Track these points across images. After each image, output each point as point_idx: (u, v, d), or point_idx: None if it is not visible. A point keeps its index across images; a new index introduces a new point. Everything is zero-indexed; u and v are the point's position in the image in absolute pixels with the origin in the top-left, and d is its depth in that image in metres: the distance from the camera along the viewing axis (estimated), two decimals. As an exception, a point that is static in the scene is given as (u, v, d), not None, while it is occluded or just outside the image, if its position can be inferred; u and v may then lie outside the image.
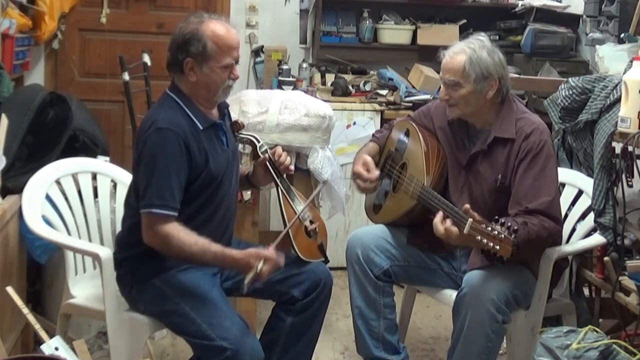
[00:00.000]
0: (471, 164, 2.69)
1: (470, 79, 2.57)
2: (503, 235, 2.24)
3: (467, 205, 2.37)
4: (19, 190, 2.71)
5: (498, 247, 2.25)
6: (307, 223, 2.61)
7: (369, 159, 2.81)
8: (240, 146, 2.90)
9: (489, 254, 2.35)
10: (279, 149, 2.62)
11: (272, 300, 2.62)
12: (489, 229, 2.27)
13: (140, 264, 2.41)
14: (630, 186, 2.60)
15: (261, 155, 2.61)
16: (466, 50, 2.59)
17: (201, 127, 2.39)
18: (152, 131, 2.31)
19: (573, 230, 2.90)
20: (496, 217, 2.32)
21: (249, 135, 2.69)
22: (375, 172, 2.76)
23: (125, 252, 2.46)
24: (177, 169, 2.31)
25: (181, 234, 2.29)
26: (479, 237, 2.27)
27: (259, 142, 2.65)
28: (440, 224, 2.40)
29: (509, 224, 2.27)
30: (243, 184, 2.70)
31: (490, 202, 2.61)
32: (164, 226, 2.28)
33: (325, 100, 3.77)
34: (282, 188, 2.61)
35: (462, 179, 2.71)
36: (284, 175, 2.64)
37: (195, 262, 2.36)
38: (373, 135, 3.05)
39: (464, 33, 4.67)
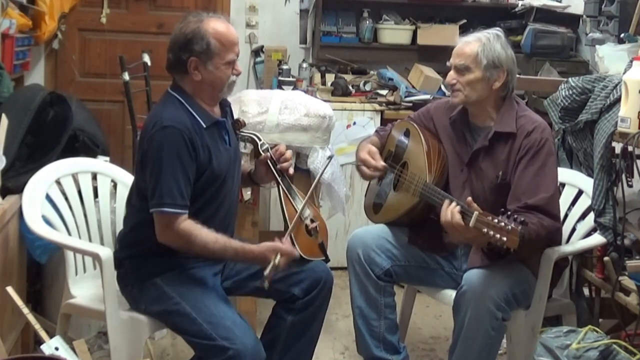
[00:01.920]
0: (473, 161, 2.69)
1: (481, 65, 2.60)
2: (510, 227, 2.24)
3: (470, 198, 2.38)
4: (19, 190, 2.71)
5: (505, 239, 2.24)
6: (307, 222, 2.61)
7: (374, 148, 2.82)
8: (241, 145, 2.90)
9: (495, 247, 2.34)
10: (282, 147, 2.63)
11: (273, 299, 2.62)
12: (495, 221, 2.27)
13: (142, 264, 2.41)
14: (630, 186, 2.60)
15: (262, 154, 2.61)
16: (481, 38, 2.65)
17: (204, 125, 2.39)
18: (157, 130, 2.31)
19: (573, 230, 2.90)
20: (502, 209, 2.32)
21: (250, 133, 2.69)
22: (381, 162, 2.77)
23: (127, 251, 2.46)
24: (184, 166, 2.31)
25: (202, 232, 2.31)
26: (485, 230, 2.27)
27: (260, 140, 2.65)
28: (448, 210, 2.41)
29: (515, 216, 2.27)
30: (244, 181, 2.70)
31: (491, 199, 2.61)
32: (183, 225, 2.30)
33: (325, 100, 3.78)
34: (283, 186, 2.61)
35: (463, 176, 2.71)
36: (285, 174, 2.64)
37: (215, 258, 2.40)
38: (376, 131, 3.07)
39: (463, 33, 4.68)
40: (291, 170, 2.66)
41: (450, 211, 2.40)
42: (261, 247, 2.38)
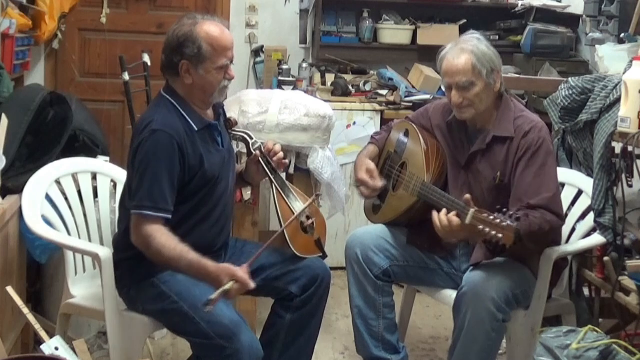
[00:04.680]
0: (470, 163, 2.69)
1: (482, 75, 2.59)
2: (505, 224, 2.25)
3: (468, 195, 2.38)
4: (19, 190, 2.71)
5: (501, 235, 2.26)
6: (303, 219, 2.60)
7: (372, 165, 2.81)
8: (236, 145, 2.89)
9: (491, 244, 2.35)
10: (269, 143, 2.61)
11: (271, 297, 2.63)
12: (491, 217, 2.28)
13: (138, 265, 2.41)
14: (630, 186, 2.60)
15: (254, 152, 2.61)
16: (467, 49, 2.61)
17: (196, 129, 2.39)
18: (147, 133, 2.31)
19: (573, 230, 2.90)
20: (498, 207, 2.33)
21: (242, 132, 2.68)
22: (379, 181, 2.77)
23: (123, 253, 2.46)
24: (170, 171, 2.31)
25: (163, 237, 2.28)
26: (481, 227, 2.28)
27: (251, 139, 2.64)
28: (438, 219, 2.42)
29: (511, 213, 2.28)
30: (238, 181, 2.70)
31: (490, 201, 2.61)
32: (148, 227, 2.28)
33: (325, 100, 3.77)
34: (276, 184, 2.60)
35: (461, 178, 2.71)
36: (278, 172, 2.64)
37: (170, 268, 2.34)
38: (372, 137, 3.05)
39: (463, 33, 4.67)
40: (286, 162, 2.65)
41: (446, 218, 2.40)
42: (218, 267, 2.28)
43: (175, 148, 2.31)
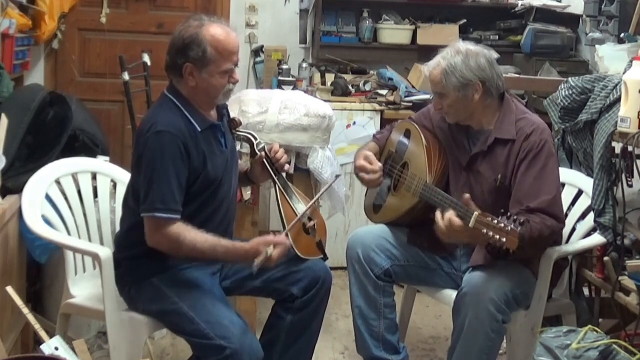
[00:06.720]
0: (472, 165, 2.69)
1: (450, 89, 2.60)
2: (510, 228, 2.24)
3: (467, 195, 2.38)
4: (19, 190, 2.71)
5: (505, 240, 2.24)
6: (305, 220, 2.60)
7: (369, 153, 2.82)
8: (239, 145, 2.90)
9: (494, 248, 2.34)
10: (275, 146, 2.63)
11: (272, 298, 2.63)
12: (495, 222, 2.27)
13: (139, 264, 2.41)
14: (630, 186, 2.60)
15: (258, 153, 2.61)
16: (441, 62, 2.62)
17: (200, 129, 2.38)
18: (152, 134, 2.31)
19: (573, 230, 2.90)
20: (502, 210, 2.32)
21: (246, 132, 2.68)
22: (378, 164, 2.77)
23: (124, 252, 2.46)
24: (177, 171, 2.31)
25: (191, 233, 2.30)
26: (485, 230, 2.27)
27: (256, 139, 2.64)
28: (442, 220, 2.41)
29: (515, 217, 2.27)
30: (242, 181, 2.70)
31: (490, 202, 2.60)
32: (171, 228, 2.29)
33: (325, 100, 3.77)
34: (279, 185, 2.61)
35: (463, 179, 2.71)
36: (282, 173, 2.64)
37: (206, 259, 2.38)
38: (374, 136, 3.06)
39: (464, 33, 4.68)
40: (287, 167, 2.67)
41: (448, 220, 2.39)
42: (252, 242, 2.36)
43: (181, 148, 2.31)
